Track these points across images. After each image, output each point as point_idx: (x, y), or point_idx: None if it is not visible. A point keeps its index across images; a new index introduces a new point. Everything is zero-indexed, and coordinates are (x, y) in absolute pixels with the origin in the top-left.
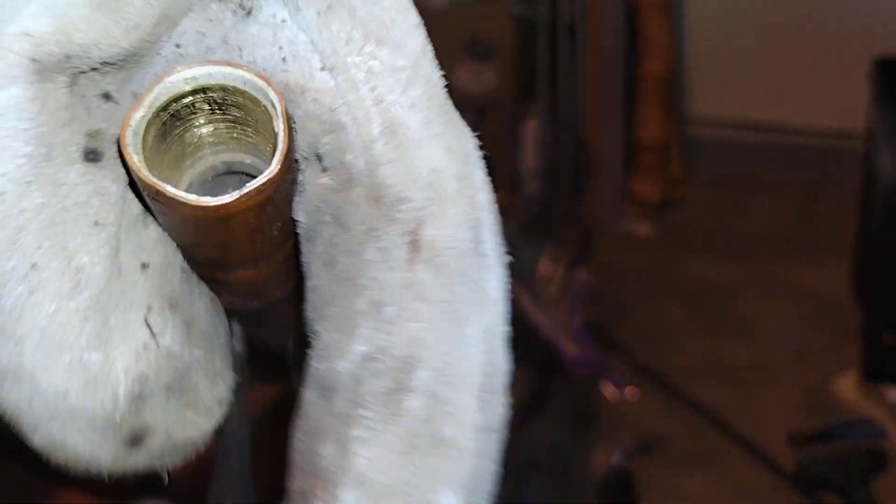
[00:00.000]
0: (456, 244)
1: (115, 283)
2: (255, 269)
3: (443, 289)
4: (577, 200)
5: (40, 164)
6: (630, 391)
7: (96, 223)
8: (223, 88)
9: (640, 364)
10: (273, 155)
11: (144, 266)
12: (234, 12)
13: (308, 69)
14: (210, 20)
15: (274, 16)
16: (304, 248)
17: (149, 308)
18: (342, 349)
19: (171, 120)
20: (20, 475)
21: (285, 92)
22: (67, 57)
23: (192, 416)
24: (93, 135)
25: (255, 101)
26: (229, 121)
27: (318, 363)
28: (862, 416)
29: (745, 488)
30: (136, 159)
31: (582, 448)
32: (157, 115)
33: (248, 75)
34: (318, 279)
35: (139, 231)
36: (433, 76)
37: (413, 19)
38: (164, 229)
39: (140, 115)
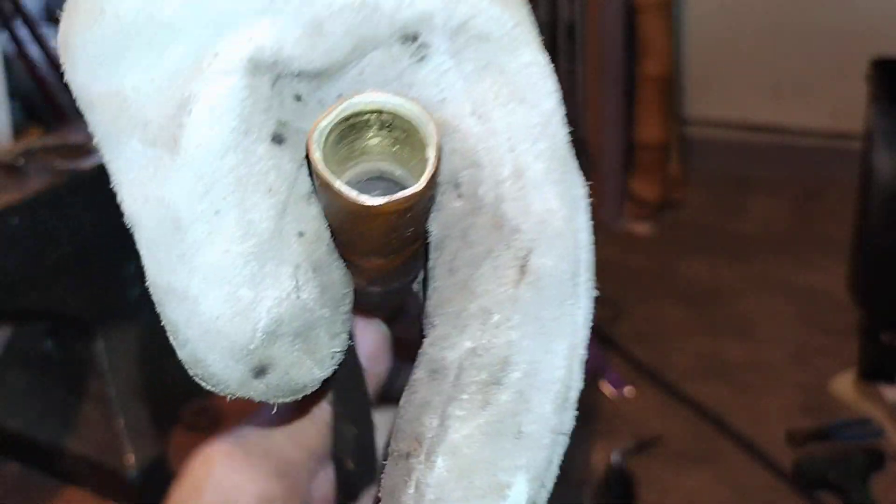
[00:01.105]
0: (557, 273)
1: (275, 240)
2: (384, 259)
3: (541, 308)
4: None
5: (239, 136)
6: (629, 390)
7: (270, 190)
8: (394, 114)
9: (639, 363)
10: (421, 175)
11: (301, 234)
12: (412, 56)
13: (460, 113)
14: (391, 58)
15: (441, 64)
16: (432, 255)
17: (297, 266)
18: (453, 342)
19: (349, 129)
20: (20, 475)
21: (440, 127)
22: (275, 63)
23: (310, 362)
24: (282, 123)
25: (416, 129)
26: (392, 139)
27: (431, 350)
28: (860, 416)
29: (744, 487)
30: (318, 155)
31: (580, 446)
32: (339, 123)
33: (416, 108)
34: (440, 281)
35: (302, 206)
36: (559, 133)
37: (550, 86)
38: (323, 210)
39: (328, 121)
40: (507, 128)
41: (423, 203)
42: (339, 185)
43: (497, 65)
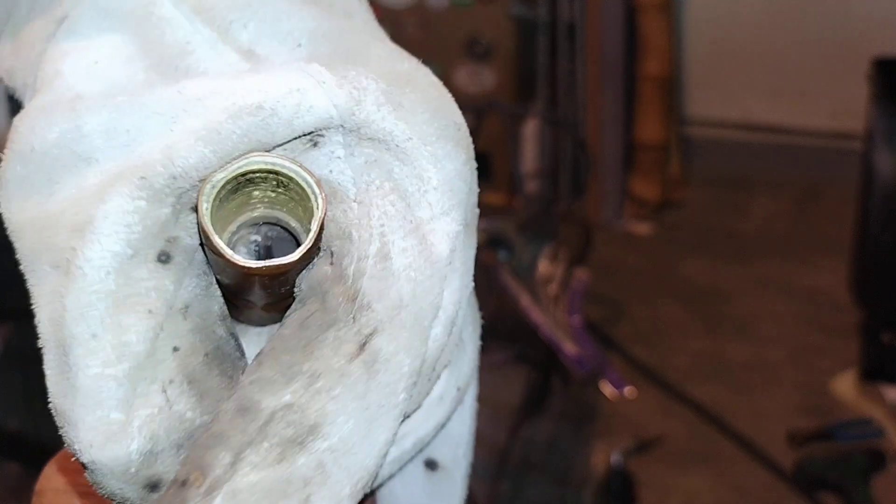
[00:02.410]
0: (394, 363)
1: (149, 359)
2: (262, 310)
3: (368, 390)
4: (577, 200)
5: (123, 260)
6: (629, 390)
7: (149, 311)
8: (290, 178)
9: (639, 363)
10: (307, 235)
11: (175, 349)
12: (305, 144)
13: (344, 194)
14: (286, 149)
15: (333, 151)
16: (295, 305)
17: (170, 381)
18: (275, 389)
19: (245, 183)
20: (20, 475)
21: (326, 200)
22: (174, 177)
23: None
24: (171, 240)
25: (308, 197)
26: (286, 196)
27: (249, 388)
28: (860, 416)
29: (744, 487)
30: (204, 207)
31: (581, 447)
32: (235, 178)
33: (311, 179)
34: (289, 330)
35: (178, 322)
36: (428, 236)
37: (431, 197)
38: (210, 264)
39: (223, 174)
40: (382, 214)
41: (298, 268)
42: (216, 240)
43: (386, 166)
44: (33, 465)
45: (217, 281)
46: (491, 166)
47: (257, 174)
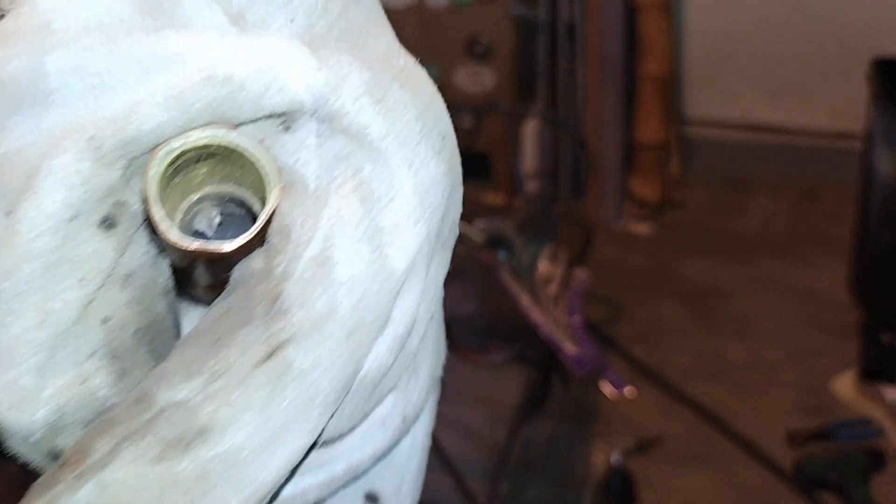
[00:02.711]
0: (305, 379)
1: (75, 328)
2: (205, 291)
3: (270, 402)
4: (577, 200)
5: (59, 222)
6: (629, 390)
7: (82, 279)
8: (250, 162)
9: (639, 363)
10: (255, 221)
11: (105, 320)
12: (277, 126)
13: (302, 186)
14: (256, 127)
15: (303, 139)
16: (223, 293)
17: (91, 354)
18: (173, 382)
19: (205, 157)
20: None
21: (282, 190)
22: (124, 143)
23: None
24: (118, 205)
25: (264, 186)
26: (246, 178)
27: (151, 376)
28: (860, 416)
29: (744, 487)
30: (152, 173)
31: (581, 446)
32: (194, 150)
33: (269, 167)
34: (206, 322)
35: (115, 291)
36: (385, 247)
37: (399, 205)
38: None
39: (178, 144)
40: (334, 216)
41: (240, 257)
42: (156, 214)
43: (356, 164)
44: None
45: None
46: (491, 166)
47: (218, 149)
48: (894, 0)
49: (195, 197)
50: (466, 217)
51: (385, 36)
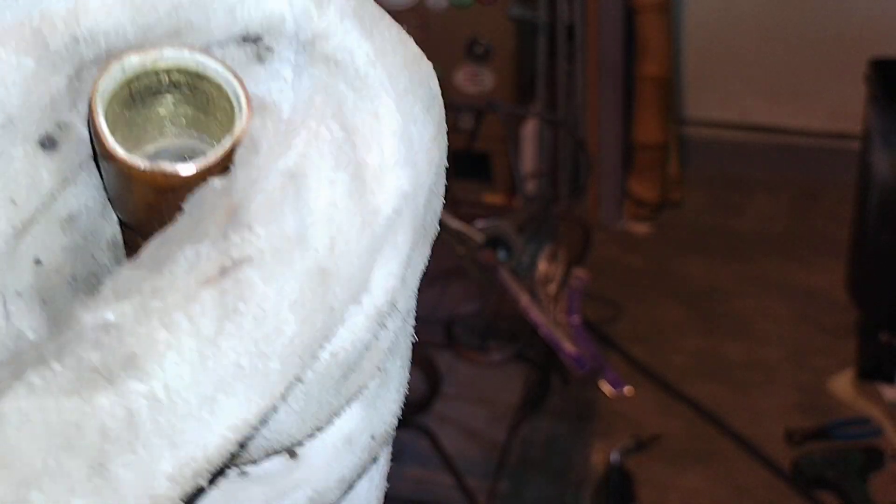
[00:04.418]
0: (260, 305)
1: (2, 259)
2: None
3: (218, 332)
4: (576, 200)
5: None
6: (628, 389)
7: (13, 201)
8: (218, 86)
9: (638, 362)
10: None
11: (38, 262)
12: (249, 56)
13: (273, 110)
14: (225, 54)
15: (280, 70)
16: (170, 225)
17: (18, 294)
18: (99, 305)
19: (169, 87)
20: None
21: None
22: (75, 40)
23: None
24: (62, 126)
25: (232, 113)
26: (200, 122)
27: (77, 304)
28: (858, 415)
29: (742, 486)
30: (102, 86)
31: (580, 445)
32: (154, 73)
33: (241, 92)
34: (148, 248)
35: (54, 232)
36: (370, 182)
37: (386, 141)
38: (105, 181)
39: (137, 59)
40: (312, 136)
41: (196, 183)
42: (101, 124)
43: (337, 95)
44: None
45: (111, 203)
46: (491, 166)
47: (182, 77)
48: (892, 1)
49: (151, 149)
50: (466, 217)
51: None
